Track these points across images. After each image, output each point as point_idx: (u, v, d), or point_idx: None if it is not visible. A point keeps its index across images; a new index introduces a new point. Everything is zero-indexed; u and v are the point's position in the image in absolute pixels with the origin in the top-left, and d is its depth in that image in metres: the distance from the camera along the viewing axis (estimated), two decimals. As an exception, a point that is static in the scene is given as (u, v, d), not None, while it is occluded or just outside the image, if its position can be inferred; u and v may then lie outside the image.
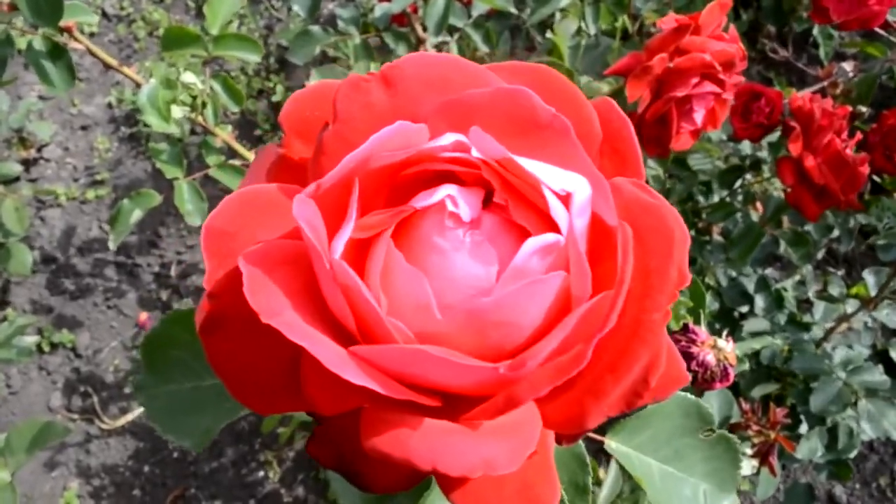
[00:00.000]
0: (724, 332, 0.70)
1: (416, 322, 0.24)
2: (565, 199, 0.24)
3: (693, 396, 0.47)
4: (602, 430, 0.47)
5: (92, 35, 1.72)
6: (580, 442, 0.44)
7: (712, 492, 0.47)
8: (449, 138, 0.25)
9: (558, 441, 0.27)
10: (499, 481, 0.25)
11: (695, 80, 0.75)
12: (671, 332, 0.68)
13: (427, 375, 0.24)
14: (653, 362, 0.24)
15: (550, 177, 0.24)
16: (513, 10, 1.12)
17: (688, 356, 0.68)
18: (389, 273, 0.24)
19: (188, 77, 0.90)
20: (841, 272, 1.61)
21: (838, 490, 1.50)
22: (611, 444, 0.46)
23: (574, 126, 0.25)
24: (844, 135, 0.96)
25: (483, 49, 1.19)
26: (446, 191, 0.25)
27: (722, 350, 0.68)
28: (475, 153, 0.25)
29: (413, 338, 0.24)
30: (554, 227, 0.25)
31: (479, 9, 1.16)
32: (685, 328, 0.70)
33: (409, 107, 0.27)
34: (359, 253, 0.26)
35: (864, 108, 1.00)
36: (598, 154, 0.27)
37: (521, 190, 0.26)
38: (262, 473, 1.37)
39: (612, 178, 0.26)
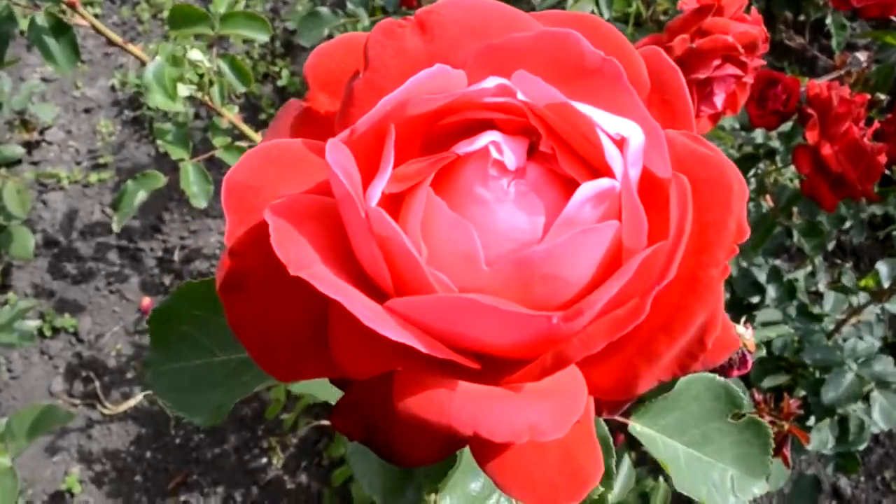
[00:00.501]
0: (743, 319, 0.68)
1: (460, 274, 0.22)
2: (620, 145, 0.23)
3: (722, 378, 0.46)
4: (626, 411, 0.45)
5: (96, 16, 1.70)
6: (603, 423, 0.42)
7: (740, 477, 0.45)
8: (492, 82, 0.23)
9: (598, 412, 0.26)
10: (539, 450, 0.23)
11: (716, 63, 0.74)
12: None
13: (471, 331, 0.22)
14: (710, 322, 0.22)
15: (604, 121, 0.23)
16: (526, -8, 1.10)
17: (706, 342, 0.67)
18: (431, 222, 0.23)
19: (195, 54, 0.88)
20: (849, 264, 1.60)
21: (843, 482, 1.49)
22: (635, 426, 0.44)
23: (623, 74, 0.24)
24: (862, 123, 0.94)
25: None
26: (490, 137, 0.24)
27: (741, 337, 0.67)
28: (521, 97, 0.23)
29: (456, 290, 0.22)
30: (604, 176, 0.23)
31: (490, -9, 1.14)
32: (703, 314, 0.69)
33: (445, 53, 0.25)
34: (392, 208, 0.25)
35: (882, 96, 0.98)
36: (646, 104, 0.25)
37: (568, 139, 0.24)
38: (265, 460, 1.36)
39: (663, 130, 0.25)
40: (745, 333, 0.69)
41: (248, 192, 0.25)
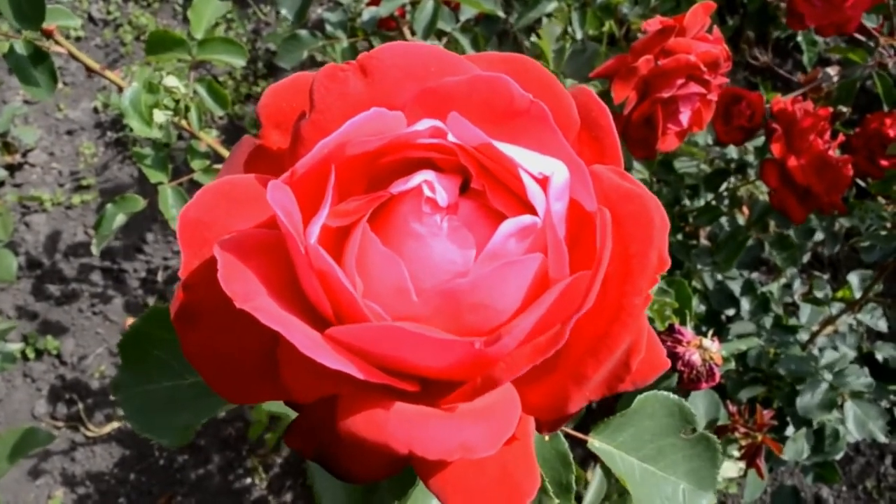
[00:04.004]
0: (710, 333, 0.70)
1: (393, 305, 0.24)
2: (543, 183, 0.24)
3: (676, 396, 0.47)
4: (586, 428, 0.47)
5: (78, 39, 1.72)
6: (563, 440, 0.43)
7: (691, 491, 0.46)
8: (425, 124, 0.25)
9: (539, 429, 0.27)
10: (477, 467, 0.24)
11: (680, 82, 0.76)
12: (657, 333, 0.68)
13: (403, 355, 0.23)
14: (634, 346, 0.24)
15: (528, 161, 0.24)
16: (501, 14, 1.13)
17: (673, 356, 0.68)
18: (365, 257, 0.24)
19: (170, 81, 0.90)
20: (827, 276, 1.62)
21: (825, 492, 1.50)
22: (594, 442, 0.45)
23: (551, 113, 0.25)
24: (827, 136, 0.97)
25: (471, 53, 1.20)
26: (423, 176, 0.25)
27: (707, 350, 0.68)
28: (451, 138, 0.25)
29: (389, 319, 0.23)
30: (531, 213, 0.25)
31: (467, 13, 1.16)
32: (671, 329, 0.70)
33: (386, 95, 0.27)
34: (337, 242, 0.26)
35: (844, 109, 1.01)
36: (576, 142, 0.27)
37: (498, 175, 0.26)
38: (249, 480, 1.36)
39: (590, 166, 0.26)
40: (712, 347, 0.71)
41: (202, 227, 0.27)
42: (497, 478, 0.25)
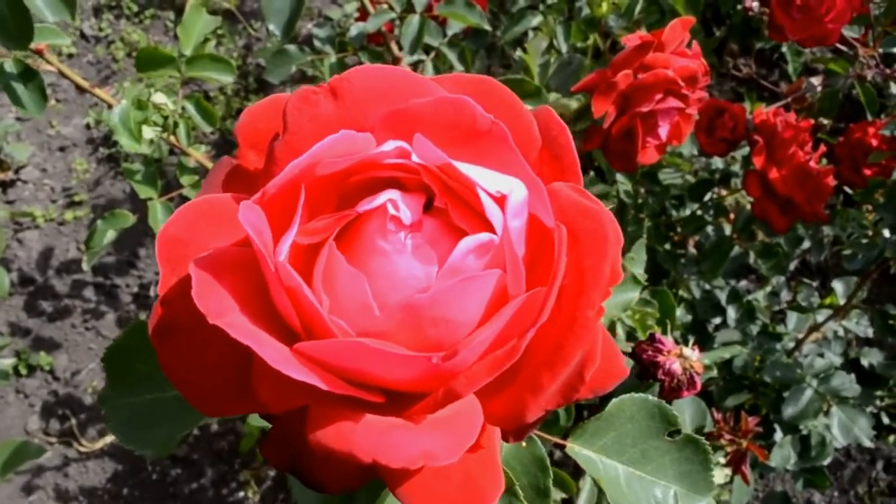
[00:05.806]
0: (691, 341, 0.71)
1: (357, 320, 0.25)
2: (500, 201, 0.25)
3: (655, 398, 0.47)
4: (565, 434, 0.47)
5: (70, 56, 1.73)
6: (540, 444, 0.44)
7: (685, 494, 0.46)
8: (391, 145, 0.26)
9: (505, 439, 0.28)
10: (442, 475, 0.25)
11: (659, 96, 0.77)
12: (639, 343, 0.69)
13: (367, 369, 0.24)
14: (588, 358, 0.25)
15: (486, 180, 0.25)
16: (487, 28, 1.14)
17: (654, 365, 0.69)
18: (331, 274, 0.26)
19: (159, 98, 0.91)
20: (815, 283, 1.63)
21: (816, 498, 1.51)
22: (573, 447, 0.46)
23: (513, 133, 0.27)
24: (808, 147, 0.98)
25: (458, 68, 1.21)
26: (388, 195, 0.26)
27: (688, 359, 0.69)
28: (415, 158, 0.26)
29: (354, 335, 0.24)
30: (492, 230, 0.26)
31: (454, 28, 1.17)
32: (652, 338, 0.71)
33: (356, 117, 0.28)
34: (307, 259, 0.27)
35: (825, 121, 1.02)
36: (537, 160, 0.28)
37: (460, 194, 0.27)
38: (241, 493, 1.37)
39: (550, 183, 0.27)
40: (692, 356, 0.72)
41: (180, 245, 0.28)
42: (460, 484, 0.26)
